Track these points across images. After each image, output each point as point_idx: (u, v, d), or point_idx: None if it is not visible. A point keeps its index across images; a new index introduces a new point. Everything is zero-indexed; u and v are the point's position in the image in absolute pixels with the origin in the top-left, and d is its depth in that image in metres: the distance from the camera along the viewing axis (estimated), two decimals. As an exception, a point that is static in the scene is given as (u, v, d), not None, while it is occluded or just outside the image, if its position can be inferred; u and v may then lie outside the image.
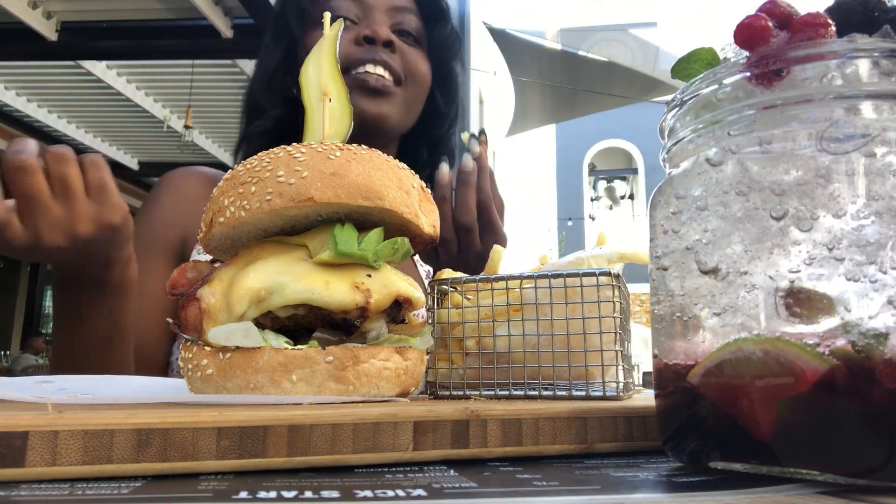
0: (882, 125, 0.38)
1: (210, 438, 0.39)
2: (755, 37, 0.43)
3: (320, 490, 0.35)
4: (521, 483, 0.38)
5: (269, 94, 1.25)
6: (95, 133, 7.82)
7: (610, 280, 0.61)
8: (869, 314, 0.36)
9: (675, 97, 0.47)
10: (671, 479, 0.41)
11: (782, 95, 0.41)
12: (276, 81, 1.26)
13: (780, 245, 0.39)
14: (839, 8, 0.43)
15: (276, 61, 1.26)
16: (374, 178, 0.57)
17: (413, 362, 0.58)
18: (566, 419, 0.49)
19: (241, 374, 0.53)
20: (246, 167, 0.59)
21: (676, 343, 0.44)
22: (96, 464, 0.37)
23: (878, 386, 0.35)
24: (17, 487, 0.35)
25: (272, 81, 1.26)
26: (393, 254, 0.59)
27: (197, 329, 0.55)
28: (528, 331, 0.63)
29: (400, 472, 0.42)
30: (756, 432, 0.39)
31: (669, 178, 0.47)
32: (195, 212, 1.26)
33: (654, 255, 0.47)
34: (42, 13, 5.16)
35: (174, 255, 1.19)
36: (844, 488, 0.37)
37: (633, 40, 9.96)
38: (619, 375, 0.61)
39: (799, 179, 0.39)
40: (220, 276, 0.57)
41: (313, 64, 0.67)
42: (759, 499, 0.35)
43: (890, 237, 0.36)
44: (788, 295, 0.38)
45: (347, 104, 0.66)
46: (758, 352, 0.39)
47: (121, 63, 6.37)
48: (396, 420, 0.43)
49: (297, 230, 0.60)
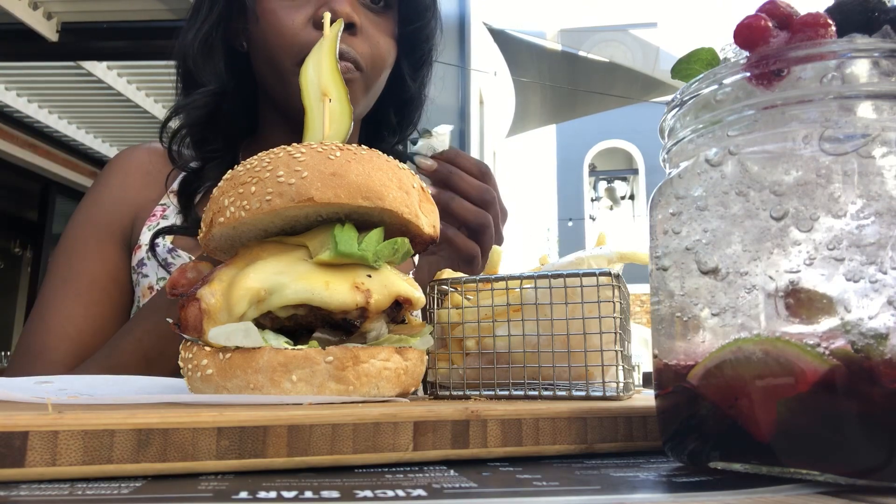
0: (882, 125, 0.38)
1: (210, 438, 0.39)
2: (755, 37, 0.43)
3: (320, 490, 0.35)
4: (521, 483, 0.38)
5: (206, 63, 1.09)
6: (96, 133, 7.82)
7: (610, 280, 0.61)
8: (869, 314, 0.36)
9: (675, 97, 0.47)
10: (671, 479, 0.41)
11: (782, 95, 0.41)
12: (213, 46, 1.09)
13: (780, 245, 0.39)
14: (839, 8, 0.43)
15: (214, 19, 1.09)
16: (374, 179, 0.57)
17: (413, 362, 0.58)
18: (566, 419, 0.49)
19: (241, 375, 0.53)
20: (246, 167, 0.59)
21: (676, 343, 0.44)
22: (96, 464, 0.37)
23: (878, 386, 0.35)
24: (17, 487, 0.35)
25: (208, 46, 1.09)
26: (393, 254, 0.59)
27: (197, 329, 0.55)
28: (528, 331, 0.63)
29: (400, 472, 0.42)
30: (756, 432, 0.39)
31: (669, 179, 0.47)
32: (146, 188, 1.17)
33: (654, 256, 0.47)
34: (43, 14, 5.16)
35: (123, 239, 1.13)
36: (844, 488, 0.37)
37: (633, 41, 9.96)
38: (620, 375, 0.61)
39: (799, 180, 0.39)
40: (220, 276, 0.57)
41: (313, 64, 0.67)
42: (759, 499, 0.35)
43: (890, 237, 0.36)
44: (788, 295, 0.38)
45: (347, 104, 0.66)
46: (758, 352, 0.39)
47: (121, 64, 6.36)
48: (396, 420, 0.43)
49: (297, 230, 0.60)
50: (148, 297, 1.09)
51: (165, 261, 1.08)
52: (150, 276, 1.10)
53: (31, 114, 7.02)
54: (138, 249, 1.13)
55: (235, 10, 1.10)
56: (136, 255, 1.13)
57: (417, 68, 1.23)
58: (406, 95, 1.24)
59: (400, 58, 1.17)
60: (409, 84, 1.22)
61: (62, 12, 5.28)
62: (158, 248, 1.09)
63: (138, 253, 1.12)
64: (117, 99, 6.75)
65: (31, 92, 6.86)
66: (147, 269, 1.11)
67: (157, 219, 1.15)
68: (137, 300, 1.12)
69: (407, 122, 1.29)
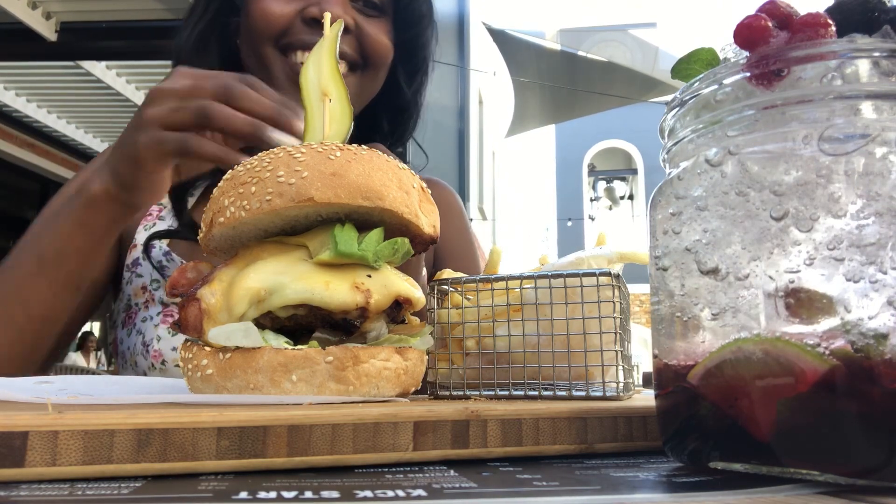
0: (882, 125, 0.38)
1: (210, 438, 0.39)
2: (755, 37, 0.43)
3: (320, 490, 0.35)
4: (521, 483, 0.38)
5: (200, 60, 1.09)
6: (95, 133, 7.81)
7: (610, 280, 0.61)
8: (869, 314, 0.36)
9: (675, 97, 0.47)
10: (671, 479, 0.41)
11: (782, 95, 0.41)
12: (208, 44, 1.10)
13: (780, 245, 0.39)
14: (839, 8, 0.43)
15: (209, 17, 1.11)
16: (375, 179, 0.57)
17: (413, 362, 0.59)
18: (566, 419, 0.49)
19: (241, 375, 0.53)
20: (246, 167, 0.59)
21: (676, 343, 0.44)
22: (96, 464, 0.37)
23: (878, 386, 0.35)
24: (17, 487, 0.35)
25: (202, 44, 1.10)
26: (393, 254, 0.59)
27: (197, 329, 0.55)
28: (528, 331, 0.63)
29: (400, 472, 0.42)
30: (756, 432, 0.39)
31: (669, 179, 0.47)
32: None
33: (654, 256, 0.47)
34: (42, 13, 5.16)
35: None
36: (844, 488, 0.37)
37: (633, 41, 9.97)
38: (619, 375, 0.61)
39: (799, 180, 0.39)
40: (220, 276, 0.57)
41: (313, 64, 0.67)
42: (759, 499, 0.35)
43: (890, 237, 0.36)
44: (788, 295, 0.38)
45: (347, 104, 0.66)
46: (758, 352, 0.39)
47: (120, 63, 6.36)
48: (396, 420, 0.43)
49: (298, 230, 0.60)
50: (141, 297, 1.09)
51: (160, 263, 1.08)
52: (145, 276, 1.10)
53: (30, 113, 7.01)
54: (133, 249, 1.12)
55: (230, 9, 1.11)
56: (130, 254, 1.12)
57: (413, 75, 1.24)
58: (401, 102, 1.25)
59: (396, 64, 1.17)
60: (404, 91, 1.23)
61: (61, 12, 5.28)
62: (154, 250, 1.09)
63: (133, 252, 1.12)
64: (116, 99, 6.74)
65: (29, 91, 6.85)
66: (141, 270, 1.10)
67: (153, 219, 1.15)
68: (128, 299, 1.11)
69: (401, 129, 1.28)
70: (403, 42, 1.17)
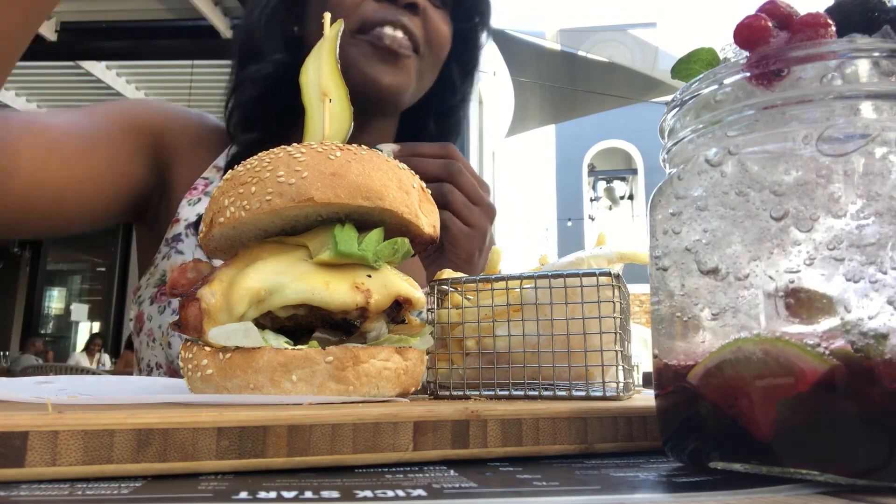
0: (882, 125, 0.38)
1: (210, 438, 0.39)
2: (755, 37, 0.43)
3: (320, 490, 0.35)
4: (521, 483, 0.38)
5: (269, 35, 1.12)
6: (95, 133, 7.81)
7: (610, 280, 0.61)
8: (869, 314, 0.36)
9: (675, 97, 0.47)
10: (671, 479, 0.41)
11: (782, 96, 0.41)
12: (276, 20, 1.13)
13: (780, 245, 0.39)
14: (839, 8, 0.43)
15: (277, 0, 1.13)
16: (375, 179, 0.57)
17: (413, 362, 0.59)
18: (566, 419, 0.49)
19: (241, 374, 0.53)
20: (246, 167, 0.59)
21: (676, 343, 0.44)
22: (96, 464, 0.37)
23: (878, 386, 0.35)
24: (17, 487, 0.35)
25: (272, 20, 1.13)
26: (393, 254, 0.59)
27: (197, 329, 0.55)
28: (528, 331, 0.63)
29: (400, 472, 0.42)
30: (756, 432, 0.39)
31: (669, 179, 0.47)
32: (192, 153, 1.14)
33: (654, 256, 0.47)
34: (41, 13, 5.16)
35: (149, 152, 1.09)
36: (844, 488, 0.37)
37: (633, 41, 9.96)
38: (619, 375, 0.61)
39: (799, 180, 0.39)
40: (220, 276, 0.57)
41: (313, 64, 0.67)
42: (759, 499, 0.35)
43: (890, 237, 0.36)
44: (788, 295, 0.38)
45: (347, 104, 0.66)
46: (758, 352, 0.39)
47: (120, 63, 6.37)
48: (396, 420, 0.43)
49: (298, 230, 0.60)
50: None
51: None
52: (187, 254, 1.08)
53: (30, 113, 7.00)
54: (175, 223, 1.10)
55: None
56: (172, 228, 1.10)
57: (466, 73, 1.25)
58: (451, 101, 1.25)
59: (450, 59, 1.19)
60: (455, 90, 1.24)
61: (61, 12, 5.29)
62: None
63: (175, 227, 1.10)
64: (116, 98, 6.74)
65: (30, 91, 6.86)
66: (183, 247, 1.09)
67: (198, 193, 1.13)
68: (162, 274, 1.09)
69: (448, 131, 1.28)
70: (461, 33, 1.19)
